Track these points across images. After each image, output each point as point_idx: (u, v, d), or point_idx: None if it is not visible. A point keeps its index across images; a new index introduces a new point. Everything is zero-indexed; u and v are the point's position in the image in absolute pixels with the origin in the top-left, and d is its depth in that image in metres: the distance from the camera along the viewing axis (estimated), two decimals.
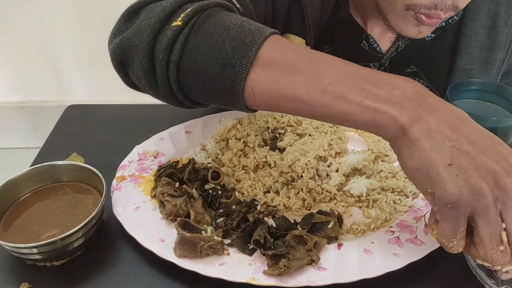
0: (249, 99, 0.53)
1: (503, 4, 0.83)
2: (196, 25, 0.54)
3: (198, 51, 0.53)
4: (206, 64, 0.53)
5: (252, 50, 0.51)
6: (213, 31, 0.54)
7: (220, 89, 0.53)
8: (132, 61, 0.58)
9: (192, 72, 0.54)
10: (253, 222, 0.59)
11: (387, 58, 0.88)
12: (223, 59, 0.52)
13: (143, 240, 0.58)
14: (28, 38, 1.96)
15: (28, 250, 0.55)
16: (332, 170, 0.67)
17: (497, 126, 0.66)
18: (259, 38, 0.52)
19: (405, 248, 0.57)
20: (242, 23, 0.54)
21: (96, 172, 0.62)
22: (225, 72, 0.52)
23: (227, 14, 0.57)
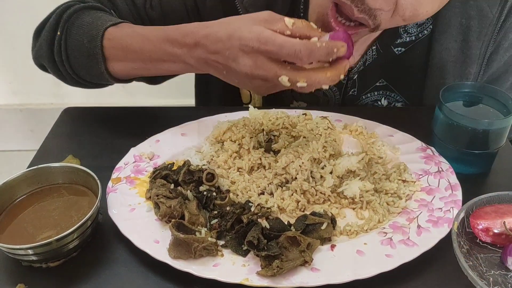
0: (115, 75, 0.78)
1: (475, 18, 0.82)
2: (68, 31, 0.78)
3: (73, 50, 0.78)
4: (80, 58, 0.77)
5: (97, 39, 0.74)
6: (76, 32, 0.77)
7: (95, 73, 0.78)
8: (45, 63, 0.83)
9: (77, 65, 0.79)
10: (247, 224, 0.59)
11: (355, 71, 0.88)
12: (87, 51, 0.76)
13: (138, 241, 0.58)
14: (27, 41, 1.96)
15: (24, 251, 0.55)
16: (326, 172, 0.67)
17: (490, 128, 0.67)
18: (101, 28, 0.74)
19: (398, 249, 0.57)
20: (93, 20, 0.77)
21: (91, 174, 0.63)
22: (91, 61, 0.76)
23: (88, 14, 0.79)
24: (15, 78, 2.10)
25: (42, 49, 0.81)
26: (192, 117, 0.81)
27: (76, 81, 0.82)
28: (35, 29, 0.85)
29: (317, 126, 0.76)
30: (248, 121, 0.77)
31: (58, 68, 0.81)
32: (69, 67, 0.79)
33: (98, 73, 0.77)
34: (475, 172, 0.73)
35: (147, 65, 0.73)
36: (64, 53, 0.78)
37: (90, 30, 0.76)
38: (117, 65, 0.76)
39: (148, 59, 0.72)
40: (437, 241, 0.58)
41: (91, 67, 0.77)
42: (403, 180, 0.69)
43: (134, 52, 0.73)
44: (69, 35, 0.78)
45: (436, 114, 0.72)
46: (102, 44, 0.74)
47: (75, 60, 0.78)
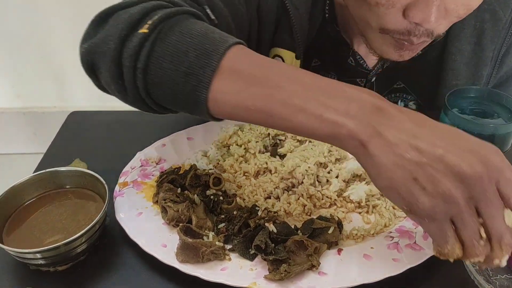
0: (212, 109, 0.53)
1: (489, 21, 0.83)
2: (162, 32, 0.55)
3: (163, 59, 0.54)
4: (170, 72, 0.54)
5: (214, 59, 0.51)
6: (177, 39, 0.54)
7: (185, 98, 0.54)
8: (100, 67, 0.59)
9: (158, 80, 0.55)
10: (254, 228, 0.59)
11: (373, 74, 0.89)
12: (187, 67, 0.52)
13: (145, 245, 0.58)
14: (30, 45, 1.97)
15: (32, 255, 0.56)
16: (332, 176, 0.68)
17: (495, 133, 0.67)
18: (222, 47, 0.52)
19: (405, 253, 0.58)
20: (206, 32, 0.54)
21: (99, 178, 0.63)
22: (189, 81, 0.53)
23: (193, 21, 0.57)
24: (18, 81, 2.11)
25: (107, 45, 0.57)
26: (198, 121, 0.81)
27: (139, 98, 0.58)
28: (98, 16, 0.61)
29: None
30: (254, 125, 0.78)
31: (120, 75, 0.57)
32: (142, 78, 0.55)
33: (188, 99, 0.54)
34: None
35: (275, 108, 0.50)
36: (145, 59, 0.54)
37: (203, 43, 0.53)
38: (229, 98, 0.52)
39: (282, 103, 0.49)
40: None
41: (184, 89, 0.53)
42: None
43: (266, 86, 0.50)
44: (163, 39, 0.55)
45: (442, 118, 0.72)
46: (219, 65, 0.52)
47: (159, 73, 0.54)
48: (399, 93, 0.92)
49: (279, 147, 0.74)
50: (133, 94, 0.57)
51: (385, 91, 0.92)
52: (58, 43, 1.95)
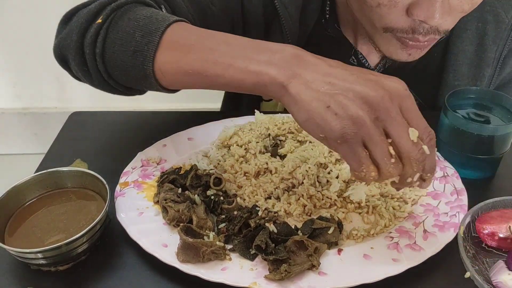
0: (161, 80, 0.63)
1: (491, 23, 0.84)
2: (114, 20, 0.64)
3: (115, 42, 0.63)
4: (121, 54, 0.63)
5: (156, 35, 0.60)
6: (126, 24, 0.63)
7: (136, 74, 0.63)
8: (68, 58, 0.68)
9: (113, 62, 0.64)
10: (255, 228, 0.60)
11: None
12: (134, 47, 0.62)
13: (146, 245, 0.59)
14: (31, 45, 1.97)
15: (33, 255, 0.56)
16: (332, 177, 0.68)
17: (495, 134, 0.67)
18: (163, 25, 0.61)
19: (404, 253, 0.58)
20: (151, 15, 0.63)
21: (100, 178, 0.63)
22: (136, 58, 0.62)
23: (141, 8, 0.66)
24: (19, 82, 2.11)
25: (70, 38, 0.66)
26: (198, 121, 0.81)
27: (103, 80, 0.68)
28: (64, 15, 0.71)
29: None
30: (255, 125, 0.78)
31: (84, 63, 0.66)
32: (101, 62, 0.65)
33: (139, 75, 0.63)
34: (480, 177, 0.73)
35: (208, 68, 0.57)
36: (101, 45, 0.64)
37: (147, 25, 0.62)
38: (170, 66, 0.60)
39: (213, 62, 0.57)
40: (443, 245, 0.59)
41: (133, 66, 0.62)
42: None
43: (200, 51, 0.58)
44: (115, 26, 0.64)
45: (441, 119, 0.72)
46: (160, 41, 0.60)
47: (113, 55, 0.64)
48: None
49: (280, 147, 0.75)
50: (97, 77, 0.67)
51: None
52: None
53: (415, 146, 0.50)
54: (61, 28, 0.72)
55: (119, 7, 0.66)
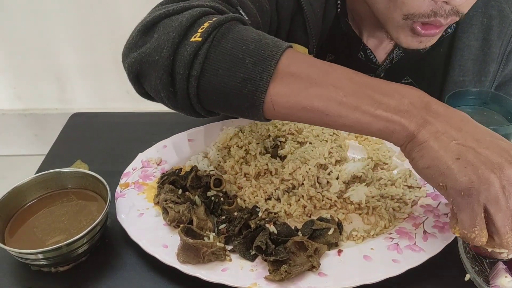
0: (268, 111, 0.56)
1: (496, 18, 0.84)
2: (216, 40, 0.56)
3: (218, 66, 0.55)
4: (227, 79, 0.55)
5: (271, 64, 0.54)
6: (232, 46, 0.55)
7: (240, 103, 0.56)
8: (149, 75, 0.59)
9: (213, 87, 0.56)
10: (255, 229, 0.60)
11: (382, 69, 0.89)
12: (244, 73, 0.54)
13: (146, 246, 0.59)
14: (31, 47, 1.98)
15: (34, 255, 0.56)
16: (332, 178, 0.68)
17: None
18: (277, 52, 0.54)
19: (404, 254, 0.58)
20: (259, 38, 0.56)
21: (100, 179, 0.63)
22: (246, 87, 0.54)
23: (243, 28, 0.59)
24: (19, 83, 2.11)
25: (159, 54, 0.57)
26: (198, 122, 0.81)
27: (189, 104, 0.58)
28: (144, 24, 0.60)
29: (323, 132, 0.77)
30: (255, 126, 0.78)
31: (172, 83, 0.57)
32: (195, 85, 0.56)
33: (244, 104, 0.55)
34: None
35: (332, 107, 0.53)
36: (199, 67, 0.55)
37: (258, 50, 0.55)
38: (286, 100, 0.54)
39: (338, 101, 0.53)
40: (443, 246, 0.59)
41: (240, 94, 0.55)
42: (409, 186, 0.69)
43: (322, 87, 0.53)
44: (217, 47, 0.55)
45: None
46: (275, 71, 0.54)
47: (215, 80, 0.55)
48: None
49: (280, 148, 0.75)
50: (183, 100, 0.58)
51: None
52: (60, 45, 1.96)
53: None
54: (141, 39, 0.60)
55: (219, 25, 0.57)
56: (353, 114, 0.53)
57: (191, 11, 0.59)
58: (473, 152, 0.49)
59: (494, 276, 0.54)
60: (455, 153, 0.49)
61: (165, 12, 0.60)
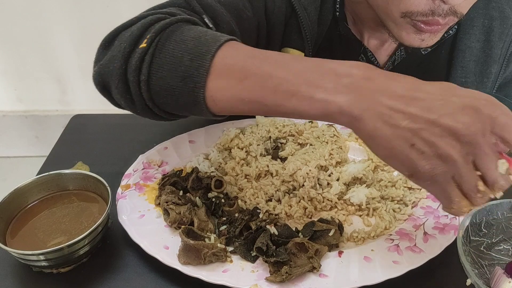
0: (212, 107, 0.57)
1: (497, 19, 0.84)
2: (160, 44, 0.58)
3: (162, 68, 0.57)
4: (170, 79, 0.57)
5: (207, 59, 0.55)
6: (173, 47, 0.57)
7: (185, 101, 0.57)
8: (110, 85, 0.63)
9: (160, 88, 0.58)
10: (256, 230, 0.60)
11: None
12: (183, 72, 0.56)
13: (147, 247, 0.59)
14: (32, 48, 1.98)
15: (35, 257, 0.56)
16: (332, 179, 0.68)
17: None
18: (213, 46, 0.55)
19: (405, 255, 0.58)
20: (199, 35, 0.58)
21: (101, 180, 0.63)
22: (186, 84, 0.56)
23: (188, 28, 0.60)
24: (20, 85, 2.12)
25: (113, 64, 0.61)
26: (199, 124, 0.82)
27: (147, 108, 0.62)
28: (104, 39, 0.66)
29: (323, 133, 0.77)
30: (256, 128, 0.78)
31: (128, 90, 0.60)
32: (146, 90, 0.59)
33: (189, 101, 0.57)
34: None
35: (268, 96, 0.52)
36: (146, 71, 0.58)
37: (196, 47, 0.56)
38: (224, 94, 0.55)
39: (273, 90, 0.52)
40: (443, 248, 0.59)
41: (183, 92, 0.56)
42: (409, 187, 0.69)
43: (257, 77, 0.53)
44: (161, 50, 0.58)
45: None
46: (211, 64, 0.55)
47: (160, 82, 0.58)
48: None
49: (280, 150, 0.75)
50: (141, 105, 0.61)
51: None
52: (61, 47, 1.96)
53: (501, 177, 0.47)
54: (101, 54, 0.66)
55: (164, 29, 0.59)
56: (290, 102, 0.51)
57: (143, 20, 0.62)
58: (426, 130, 0.45)
59: (496, 282, 0.54)
60: (408, 139, 0.46)
61: (122, 25, 0.65)
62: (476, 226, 0.59)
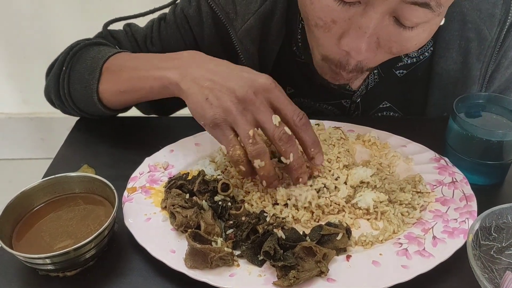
0: (106, 104, 0.80)
1: (474, 40, 0.82)
2: (72, 66, 0.83)
3: (74, 83, 0.82)
4: (78, 91, 0.82)
5: (97, 70, 0.78)
6: (79, 66, 0.82)
7: (90, 104, 0.81)
8: (53, 99, 0.88)
9: (76, 99, 0.83)
10: (263, 234, 0.59)
11: (358, 95, 0.89)
12: (85, 83, 0.79)
13: (154, 251, 0.59)
14: (37, 51, 1.99)
15: (42, 260, 0.56)
16: (340, 183, 0.68)
17: (504, 139, 0.67)
18: (102, 60, 0.78)
19: (414, 260, 0.57)
20: (96, 54, 0.81)
21: (108, 183, 0.63)
22: (87, 93, 0.79)
23: (92, 49, 0.84)
24: (25, 87, 2.12)
25: (51, 85, 0.85)
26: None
27: (78, 113, 0.87)
28: (48, 67, 0.91)
29: (330, 136, 0.76)
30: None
31: (62, 102, 0.85)
32: (70, 100, 0.83)
33: (91, 104, 0.80)
34: (489, 183, 0.72)
35: (132, 84, 0.74)
36: (67, 87, 0.82)
37: (92, 64, 0.79)
38: (109, 91, 0.78)
39: (137, 77, 0.73)
40: (453, 252, 0.58)
41: (88, 98, 0.79)
42: (417, 191, 0.69)
43: (127, 71, 0.75)
44: (72, 69, 0.82)
45: (450, 125, 0.72)
46: (100, 73, 0.77)
47: (75, 93, 0.82)
48: (386, 111, 0.92)
49: None
50: (71, 111, 0.87)
51: (371, 110, 0.92)
52: None
53: (276, 128, 0.62)
54: (46, 77, 0.91)
55: (75, 53, 0.84)
56: (146, 83, 0.72)
57: (67, 48, 0.87)
58: (217, 90, 0.63)
59: (507, 287, 0.54)
60: (205, 94, 0.64)
61: (59, 55, 0.89)
62: (486, 230, 0.58)
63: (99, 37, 0.92)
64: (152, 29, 0.92)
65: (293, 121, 0.63)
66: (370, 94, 0.89)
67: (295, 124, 0.64)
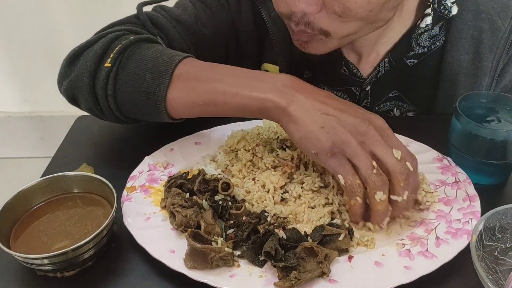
0: (172, 113, 0.70)
1: (487, 31, 0.82)
2: (122, 63, 0.71)
3: (126, 84, 0.70)
4: (134, 94, 0.70)
5: (166, 77, 0.68)
6: (135, 66, 0.70)
7: (149, 111, 0.71)
8: (80, 98, 0.75)
9: (126, 102, 0.72)
10: (264, 234, 0.59)
11: (367, 83, 0.88)
12: (146, 88, 0.69)
13: (153, 251, 0.58)
14: (37, 50, 1.98)
15: (40, 261, 0.55)
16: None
17: (508, 139, 0.66)
18: (171, 66, 0.68)
19: (416, 261, 0.57)
20: (157, 55, 0.70)
21: (106, 183, 0.62)
22: (149, 99, 0.69)
23: (146, 47, 0.72)
24: (25, 86, 2.12)
25: (82, 81, 0.72)
26: (205, 125, 0.81)
27: (115, 116, 0.74)
28: (68, 56, 0.77)
29: None
30: (262, 130, 0.77)
31: (97, 102, 0.73)
32: (113, 102, 0.71)
33: (152, 112, 0.70)
34: (492, 182, 0.72)
35: (216, 98, 0.66)
36: (112, 87, 0.70)
37: (156, 66, 0.69)
38: (182, 101, 0.68)
39: (222, 92, 0.65)
40: (456, 253, 0.57)
41: (146, 105, 0.69)
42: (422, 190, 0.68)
43: (209, 84, 0.67)
44: (123, 68, 0.70)
45: (453, 124, 0.71)
46: (170, 81, 0.68)
47: (125, 95, 0.70)
48: (395, 101, 0.91)
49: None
50: (110, 114, 0.74)
51: (380, 99, 0.91)
52: (66, 48, 1.95)
53: (398, 162, 0.59)
54: (67, 70, 0.77)
55: (125, 49, 0.71)
56: (235, 100, 0.65)
57: (104, 39, 0.73)
58: (334, 118, 0.60)
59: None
60: (320, 123, 0.60)
61: (85, 44, 0.77)
62: (490, 231, 0.58)
63: (132, 23, 0.82)
64: (195, 8, 0.86)
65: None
66: (379, 82, 0.89)
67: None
